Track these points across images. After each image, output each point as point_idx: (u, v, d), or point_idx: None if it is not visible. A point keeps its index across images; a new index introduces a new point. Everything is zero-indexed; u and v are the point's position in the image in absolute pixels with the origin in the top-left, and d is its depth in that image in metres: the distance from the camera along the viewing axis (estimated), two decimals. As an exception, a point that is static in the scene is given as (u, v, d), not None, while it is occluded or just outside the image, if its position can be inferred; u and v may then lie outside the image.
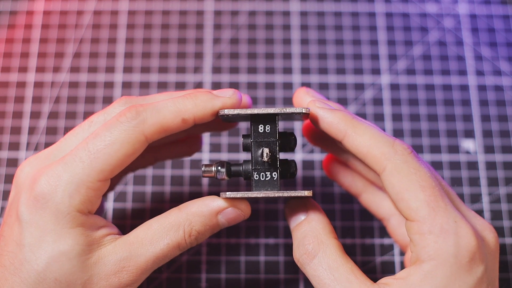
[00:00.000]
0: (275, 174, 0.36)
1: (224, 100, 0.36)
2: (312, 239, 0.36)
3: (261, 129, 0.36)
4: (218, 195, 0.36)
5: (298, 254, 0.36)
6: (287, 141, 0.37)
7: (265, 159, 0.35)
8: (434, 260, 0.33)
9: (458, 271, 0.32)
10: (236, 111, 0.35)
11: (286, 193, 0.34)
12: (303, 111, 0.35)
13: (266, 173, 0.36)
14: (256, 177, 0.36)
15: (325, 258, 0.35)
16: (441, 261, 0.32)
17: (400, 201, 0.34)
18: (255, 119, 0.36)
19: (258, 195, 0.34)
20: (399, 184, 0.34)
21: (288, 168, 0.37)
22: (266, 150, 0.35)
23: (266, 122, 0.36)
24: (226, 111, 0.35)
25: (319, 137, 0.43)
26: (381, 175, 0.35)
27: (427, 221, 0.33)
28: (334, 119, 0.36)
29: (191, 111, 0.36)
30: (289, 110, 0.35)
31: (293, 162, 0.37)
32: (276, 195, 0.34)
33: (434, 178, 0.34)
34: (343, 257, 0.35)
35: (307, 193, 0.35)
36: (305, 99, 0.39)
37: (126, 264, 0.35)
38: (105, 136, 0.34)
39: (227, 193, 0.35)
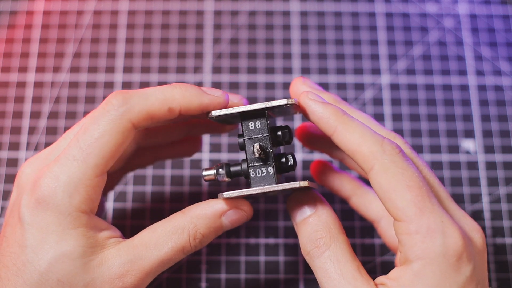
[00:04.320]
0: (270, 169, 0.35)
1: (212, 98, 0.36)
2: (325, 233, 0.35)
3: (251, 126, 0.36)
4: (217, 196, 0.36)
5: (309, 247, 0.35)
6: (282, 135, 0.37)
7: (257, 155, 0.35)
8: (422, 259, 0.33)
9: (446, 270, 0.32)
10: (223, 112, 0.35)
11: (281, 186, 0.34)
12: (289, 103, 0.34)
13: (262, 169, 0.36)
14: (253, 174, 0.35)
15: (335, 253, 0.35)
16: (429, 260, 0.32)
17: (387, 200, 0.34)
18: (244, 117, 0.36)
19: (254, 192, 0.34)
20: (386, 184, 0.34)
21: (285, 161, 0.37)
22: (256, 146, 0.35)
23: (255, 119, 0.36)
24: (213, 113, 0.35)
25: (314, 139, 0.43)
26: (369, 174, 0.34)
27: (414, 221, 0.33)
28: (325, 113, 0.35)
29: (178, 101, 0.35)
30: (274, 103, 0.35)
31: (290, 155, 0.37)
32: (271, 189, 0.34)
33: (422, 178, 0.34)
34: (352, 254, 0.35)
35: (302, 183, 0.34)
36: (301, 89, 0.39)
37: (131, 268, 0.34)
38: (93, 130, 0.34)
39: (224, 193, 0.35)
